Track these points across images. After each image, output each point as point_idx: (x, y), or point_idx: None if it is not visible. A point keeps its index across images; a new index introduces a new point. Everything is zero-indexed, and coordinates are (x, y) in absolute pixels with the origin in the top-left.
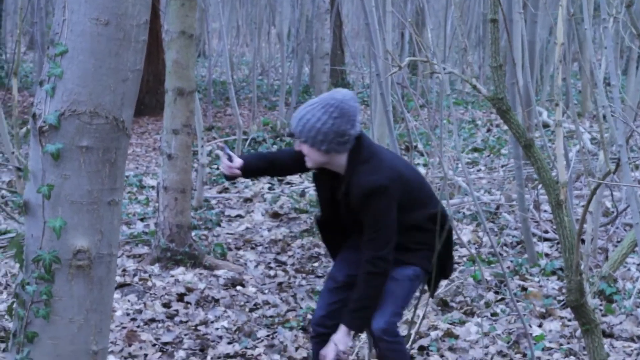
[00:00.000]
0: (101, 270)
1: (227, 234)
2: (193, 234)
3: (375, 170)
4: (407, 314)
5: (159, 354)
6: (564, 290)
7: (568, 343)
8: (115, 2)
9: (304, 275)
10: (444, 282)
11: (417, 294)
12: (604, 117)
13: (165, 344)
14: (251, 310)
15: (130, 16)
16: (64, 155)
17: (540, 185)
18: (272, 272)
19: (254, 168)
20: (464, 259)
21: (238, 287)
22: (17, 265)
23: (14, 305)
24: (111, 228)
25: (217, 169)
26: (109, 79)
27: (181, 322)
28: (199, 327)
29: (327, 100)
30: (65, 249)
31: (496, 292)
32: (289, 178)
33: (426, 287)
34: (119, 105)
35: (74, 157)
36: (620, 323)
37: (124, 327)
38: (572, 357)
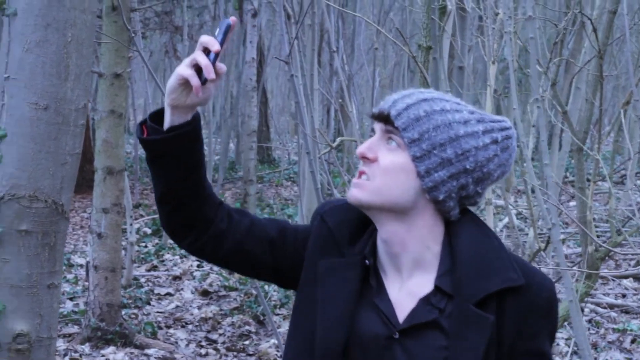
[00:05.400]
0: (41, 353)
1: (157, 312)
2: (123, 312)
3: (529, 266)
4: None
5: None
6: None
7: None
8: (54, 87)
9: (235, 353)
10: None
11: None
12: (533, 192)
13: None
14: None
15: (69, 101)
16: (3, 239)
17: None
18: (203, 351)
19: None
20: None
21: None
22: None
23: None
24: (51, 311)
25: (145, 246)
26: (48, 163)
27: None
28: None
29: (490, 116)
30: (5, 332)
31: None
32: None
33: None
34: (58, 189)
35: (13, 241)
36: None
37: None
38: None
